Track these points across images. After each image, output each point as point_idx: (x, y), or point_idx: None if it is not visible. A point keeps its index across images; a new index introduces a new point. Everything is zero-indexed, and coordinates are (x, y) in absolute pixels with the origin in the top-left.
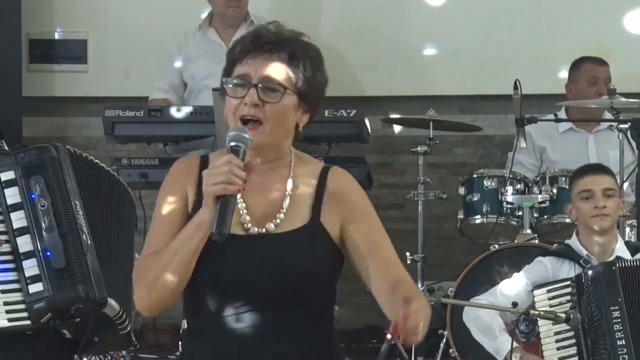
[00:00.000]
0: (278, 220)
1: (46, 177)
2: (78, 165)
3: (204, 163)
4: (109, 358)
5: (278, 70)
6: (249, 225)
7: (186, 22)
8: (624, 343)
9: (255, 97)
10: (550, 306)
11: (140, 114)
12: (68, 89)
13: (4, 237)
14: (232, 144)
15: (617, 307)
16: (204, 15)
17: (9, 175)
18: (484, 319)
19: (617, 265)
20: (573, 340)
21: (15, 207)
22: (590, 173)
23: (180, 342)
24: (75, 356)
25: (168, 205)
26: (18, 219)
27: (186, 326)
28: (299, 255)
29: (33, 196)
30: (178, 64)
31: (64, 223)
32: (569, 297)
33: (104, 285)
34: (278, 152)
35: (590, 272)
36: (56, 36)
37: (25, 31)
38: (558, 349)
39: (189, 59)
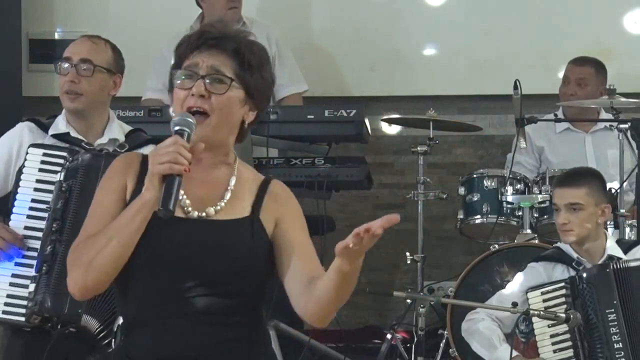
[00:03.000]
0: (219, 207)
1: (74, 183)
2: None
3: (144, 160)
4: None
5: (224, 63)
6: (189, 208)
7: (186, 22)
8: (620, 346)
9: (202, 88)
10: (545, 308)
11: (140, 114)
12: None
13: (39, 234)
14: (177, 128)
15: (612, 310)
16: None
17: (58, 176)
18: (483, 332)
19: (612, 267)
20: (569, 343)
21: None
22: (559, 185)
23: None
24: None
25: (105, 194)
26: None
27: (121, 321)
28: (238, 243)
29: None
30: (168, 64)
31: (66, 231)
32: (563, 299)
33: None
34: (223, 147)
35: (584, 275)
36: (56, 36)
37: (25, 31)
38: (554, 351)
39: None
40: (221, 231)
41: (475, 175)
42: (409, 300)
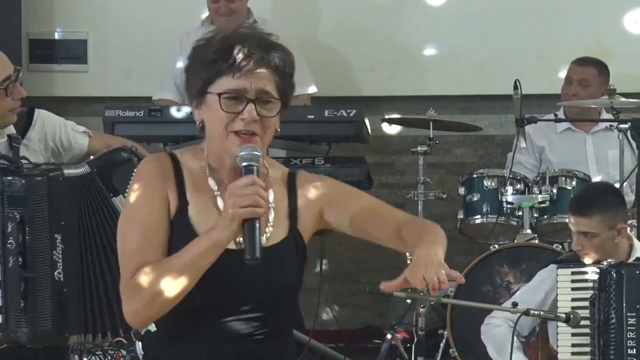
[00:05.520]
0: (268, 234)
1: (26, 211)
2: (71, 193)
3: (175, 163)
4: (109, 358)
5: (270, 81)
6: (240, 239)
7: (186, 22)
8: (634, 352)
9: (254, 113)
10: (572, 289)
11: (140, 114)
12: (68, 89)
13: None
14: (245, 163)
15: (634, 314)
16: (205, 15)
17: None
18: (497, 339)
19: None
20: (588, 340)
21: None
22: (571, 212)
23: (141, 344)
24: (76, 356)
25: (151, 210)
26: None
27: (154, 329)
28: (287, 267)
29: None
30: (180, 63)
31: (35, 262)
32: (591, 284)
33: (69, 321)
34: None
35: (614, 272)
36: (56, 36)
37: (25, 31)
38: (573, 346)
39: None
40: (270, 262)
41: (475, 175)
42: (409, 300)
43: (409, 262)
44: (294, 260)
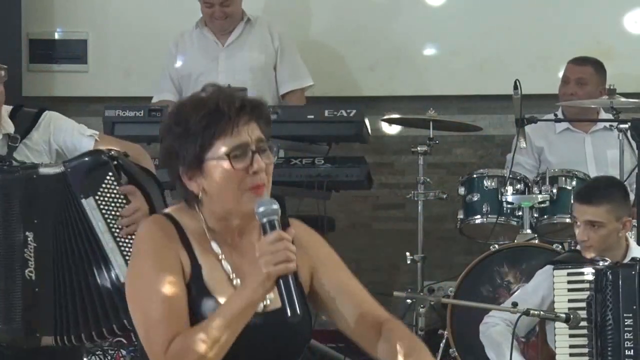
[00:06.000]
0: (272, 295)
1: None
2: (44, 192)
3: (176, 225)
4: (109, 358)
5: (260, 130)
6: None
7: (186, 22)
8: (632, 354)
9: (262, 164)
10: (569, 290)
11: (140, 114)
12: (68, 89)
13: None
14: (266, 219)
15: (630, 315)
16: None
17: None
18: (495, 338)
19: (638, 269)
20: (585, 340)
21: None
22: (579, 200)
23: None
24: None
25: (169, 275)
26: None
27: None
28: (301, 324)
29: None
30: (179, 63)
31: (4, 259)
32: (588, 285)
33: (41, 322)
34: None
35: (609, 273)
36: (56, 36)
37: (25, 31)
38: (571, 346)
39: (185, 55)
40: (283, 323)
41: (475, 175)
42: (409, 300)
43: (409, 262)
44: (304, 314)
